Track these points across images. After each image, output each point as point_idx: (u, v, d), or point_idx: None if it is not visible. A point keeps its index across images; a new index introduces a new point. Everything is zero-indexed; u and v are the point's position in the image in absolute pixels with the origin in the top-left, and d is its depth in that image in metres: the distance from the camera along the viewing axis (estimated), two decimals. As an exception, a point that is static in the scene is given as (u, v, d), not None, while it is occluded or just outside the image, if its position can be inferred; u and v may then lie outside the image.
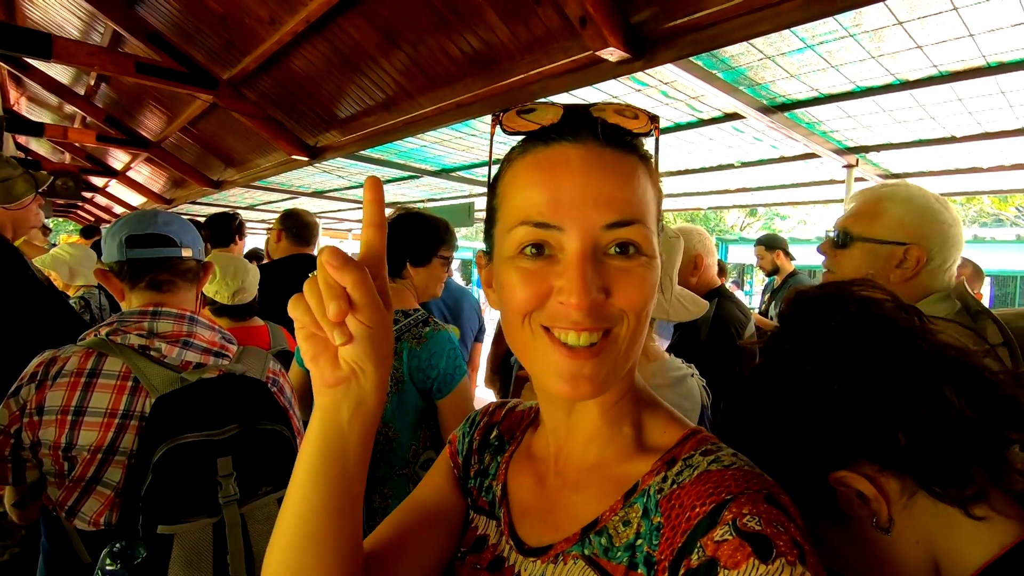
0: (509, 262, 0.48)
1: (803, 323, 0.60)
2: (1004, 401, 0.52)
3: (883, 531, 0.54)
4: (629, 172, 0.47)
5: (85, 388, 0.98)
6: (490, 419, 0.69)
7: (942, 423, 0.51)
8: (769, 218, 17.68)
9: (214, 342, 1.13)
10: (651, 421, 0.53)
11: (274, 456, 1.04)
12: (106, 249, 1.12)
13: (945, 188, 4.31)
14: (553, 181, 0.46)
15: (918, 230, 1.10)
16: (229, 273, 1.78)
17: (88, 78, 4.49)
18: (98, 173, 7.10)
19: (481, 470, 0.64)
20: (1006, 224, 13.68)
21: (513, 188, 0.49)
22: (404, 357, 1.53)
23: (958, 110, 2.55)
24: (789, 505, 0.41)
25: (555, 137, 0.48)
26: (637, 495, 0.48)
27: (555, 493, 0.54)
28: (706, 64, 2.23)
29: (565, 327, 0.45)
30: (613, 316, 0.46)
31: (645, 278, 0.46)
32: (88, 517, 0.99)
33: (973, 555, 0.51)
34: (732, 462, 0.45)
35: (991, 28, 1.83)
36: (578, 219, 0.44)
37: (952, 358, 0.53)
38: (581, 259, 0.44)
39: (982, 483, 0.51)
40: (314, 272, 0.42)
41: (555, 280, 0.45)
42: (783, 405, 0.59)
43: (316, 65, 2.94)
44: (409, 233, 1.67)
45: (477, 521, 0.61)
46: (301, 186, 5.99)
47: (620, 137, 0.48)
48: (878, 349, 0.54)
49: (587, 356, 0.45)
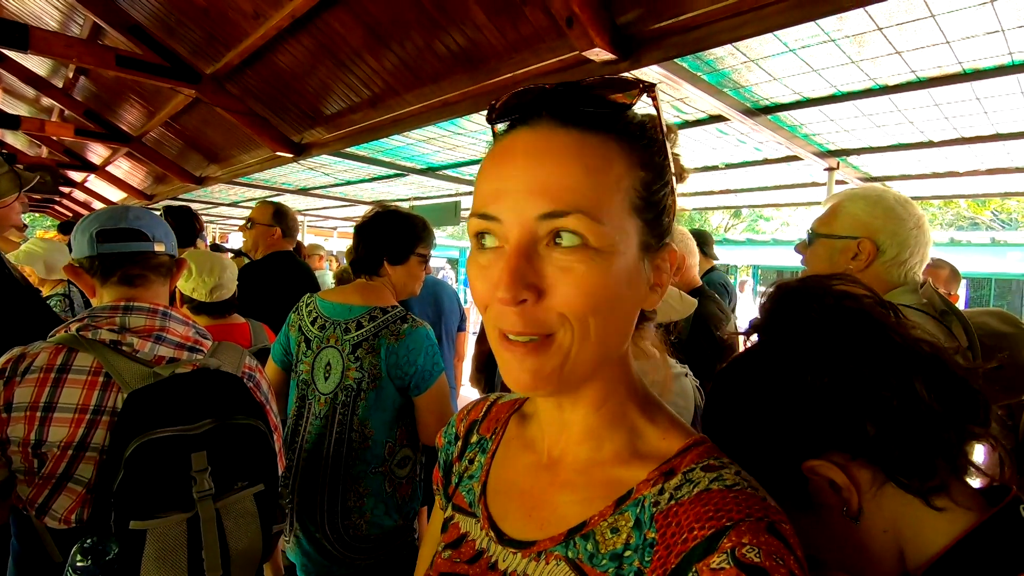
0: (472, 254, 0.48)
1: (782, 315, 0.61)
2: (971, 396, 0.54)
3: (853, 519, 0.55)
4: (582, 154, 0.43)
5: (55, 384, 0.95)
6: (468, 420, 0.68)
7: (911, 415, 0.52)
8: (753, 219, 17.91)
9: (188, 337, 1.11)
10: (650, 424, 0.51)
11: (250, 451, 1.03)
12: (76, 245, 1.10)
13: (923, 192, 4.40)
14: (499, 170, 0.45)
15: (870, 224, 1.19)
16: (205, 270, 1.75)
17: (67, 70, 4.40)
18: (76, 168, 6.95)
19: (466, 473, 0.63)
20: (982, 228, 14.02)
21: (478, 179, 0.48)
22: (382, 354, 1.53)
23: (935, 115, 2.60)
24: (790, 535, 0.40)
25: (517, 124, 0.47)
26: (630, 503, 0.46)
27: (544, 488, 0.53)
28: (691, 66, 2.25)
29: (507, 328, 0.44)
30: (550, 322, 0.43)
31: (589, 277, 0.42)
32: (59, 515, 0.97)
33: (935, 542, 0.52)
34: (735, 482, 0.43)
35: (966, 36, 1.87)
36: (513, 210, 0.43)
37: (924, 353, 0.55)
38: (515, 251, 0.43)
39: (944, 475, 0.52)
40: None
41: (496, 276, 0.44)
42: (759, 395, 0.59)
43: (301, 60, 2.91)
44: (387, 231, 1.67)
45: (459, 519, 0.60)
46: (285, 183, 5.92)
47: (583, 114, 0.44)
48: (852, 342, 0.55)
49: (525, 351, 0.44)
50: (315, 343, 1.59)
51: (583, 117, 0.44)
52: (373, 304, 1.60)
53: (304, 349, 1.61)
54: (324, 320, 1.61)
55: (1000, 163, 3.32)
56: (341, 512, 1.50)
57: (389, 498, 1.55)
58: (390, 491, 1.56)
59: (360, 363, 1.53)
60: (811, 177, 4.02)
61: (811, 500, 0.57)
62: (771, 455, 0.58)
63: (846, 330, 0.56)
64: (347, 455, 1.52)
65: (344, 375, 1.54)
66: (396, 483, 1.57)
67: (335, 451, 1.52)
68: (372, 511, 1.52)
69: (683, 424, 0.52)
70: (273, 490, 1.06)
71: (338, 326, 1.58)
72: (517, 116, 0.47)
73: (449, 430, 0.69)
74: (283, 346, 1.69)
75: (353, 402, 1.54)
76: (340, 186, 5.84)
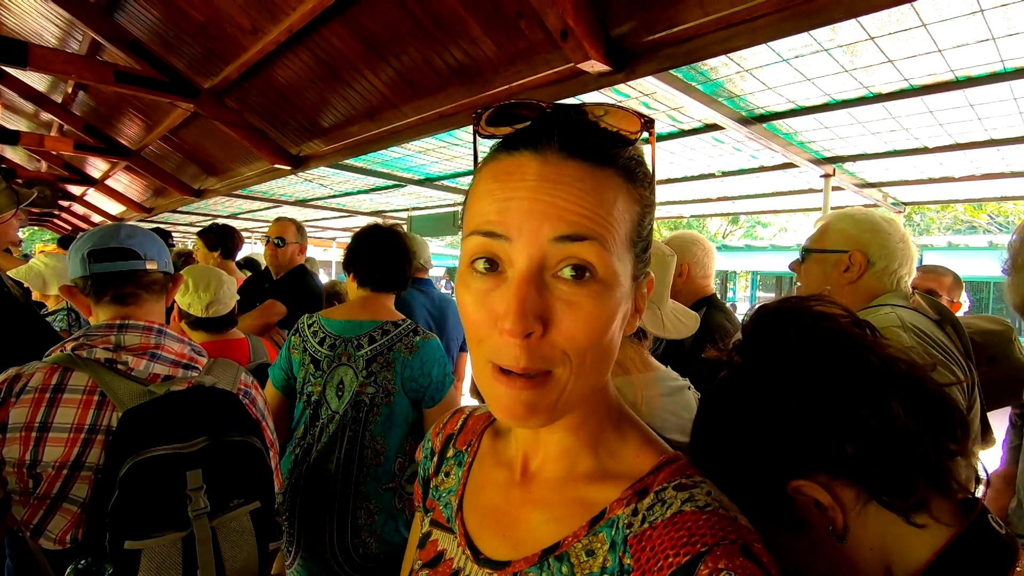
0: (462, 278, 0.46)
1: (761, 337, 0.61)
2: (947, 411, 0.55)
3: (839, 538, 0.55)
4: (592, 187, 0.42)
5: (50, 404, 0.95)
6: (444, 433, 0.67)
7: (888, 433, 0.53)
8: (751, 226, 17.96)
9: (183, 354, 1.11)
10: (624, 443, 0.51)
11: (246, 468, 1.02)
12: (70, 265, 1.10)
13: (919, 197, 4.41)
14: (507, 191, 0.43)
15: (859, 238, 1.28)
16: (201, 285, 1.75)
17: (66, 85, 4.42)
18: (76, 182, 6.98)
19: (443, 486, 0.62)
20: (979, 231, 14.05)
21: (474, 195, 0.46)
22: (397, 367, 1.52)
23: (929, 122, 2.62)
24: (763, 554, 0.40)
25: (520, 146, 0.44)
26: (603, 523, 0.46)
27: (518, 506, 0.52)
28: (685, 76, 2.26)
29: (508, 363, 0.42)
30: (553, 358, 0.42)
31: (595, 312, 0.42)
32: (54, 535, 0.96)
33: (918, 557, 0.53)
34: (707, 503, 0.43)
35: (958, 44, 1.89)
36: (526, 230, 0.41)
37: (900, 371, 0.56)
38: (524, 278, 0.41)
39: (924, 492, 0.53)
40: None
41: (499, 305, 0.42)
42: (742, 417, 0.60)
43: (299, 74, 2.93)
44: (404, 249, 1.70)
45: (436, 535, 0.59)
46: (284, 195, 5.94)
47: (592, 147, 0.44)
48: (830, 362, 0.56)
49: (523, 385, 0.42)
50: (325, 363, 1.56)
51: (592, 150, 0.44)
52: (383, 318, 1.60)
53: (313, 371, 1.58)
54: (334, 339, 1.58)
55: (995, 168, 3.34)
56: (351, 531, 1.48)
57: (399, 514, 1.53)
58: (400, 507, 1.54)
59: (374, 378, 1.52)
60: (807, 184, 4.03)
61: (798, 520, 0.57)
62: (757, 476, 0.58)
63: (824, 351, 0.57)
64: (358, 472, 1.50)
65: (356, 391, 1.52)
66: (405, 499, 1.56)
67: (345, 468, 1.50)
68: (383, 528, 1.50)
69: (658, 441, 0.52)
70: (269, 507, 1.06)
71: (349, 343, 1.56)
72: (525, 138, 0.45)
73: (426, 444, 0.69)
74: (284, 370, 1.65)
75: (365, 418, 1.52)
76: (338, 197, 5.86)
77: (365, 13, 2.31)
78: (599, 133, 0.44)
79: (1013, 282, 1.01)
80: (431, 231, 5.52)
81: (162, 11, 2.81)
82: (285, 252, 2.85)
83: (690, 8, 1.66)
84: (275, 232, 2.87)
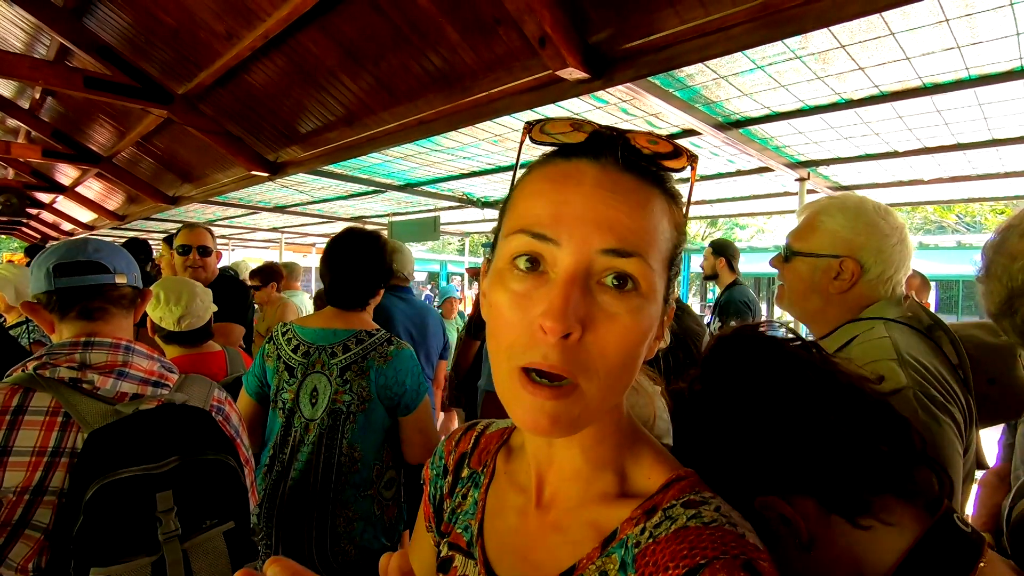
0: (500, 276, 0.45)
1: (718, 364, 0.65)
2: (893, 421, 0.58)
3: (805, 549, 0.57)
4: (643, 202, 0.44)
5: (10, 426, 0.91)
6: (458, 452, 0.66)
7: (835, 448, 0.56)
8: (729, 227, 18.22)
9: (152, 371, 1.07)
10: (637, 462, 0.51)
11: (219, 487, 0.99)
12: (33, 280, 1.06)
13: (890, 199, 4.52)
14: (561, 194, 0.43)
15: (852, 242, 1.09)
16: (172, 298, 1.69)
17: (33, 91, 4.29)
18: (44, 189, 6.77)
19: (460, 509, 0.61)
20: (948, 231, 14.46)
21: (522, 195, 0.47)
22: (371, 376, 1.52)
23: (899, 127, 2.69)
24: (767, 571, 0.39)
25: (579, 153, 0.46)
26: (615, 544, 0.46)
27: (536, 530, 0.52)
28: (663, 83, 2.29)
29: (537, 360, 0.41)
30: (582, 366, 0.41)
31: (632, 325, 0.42)
32: (16, 563, 0.92)
33: (885, 560, 0.56)
34: (713, 519, 0.42)
35: (925, 52, 1.94)
36: (576, 236, 0.41)
37: (840, 384, 0.59)
38: (569, 279, 0.41)
39: (881, 500, 0.56)
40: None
41: (540, 306, 0.41)
42: (704, 441, 0.62)
43: (276, 80, 2.89)
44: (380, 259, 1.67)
45: (457, 560, 0.58)
46: (261, 201, 5.85)
47: (645, 165, 0.45)
48: (780, 385, 0.60)
49: (547, 395, 0.41)
50: (299, 370, 1.56)
51: (646, 168, 0.46)
52: (357, 328, 1.60)
53: (287, 377, 1.57)
54: (308, 347, 1.58)
55: (962, 171, 3.44)
56: (331, 539, 1.47)
57: (378, 521, 1.54)
58: (378, 513, 1.54)
59: (349, 386, 1.51)
60: (783, 187, 4.11)
61: (770, 535, 0.58)
62: (728, 494, 0.59)
63: (771, 374, 0.60)
64: (336, 480, 1.49)
65: (332, 399, 1.52)
66: (384, 505, 1.56)
67: (323, 477, 1.49)
68: (361, 535, 1.50)
69: (669, 457, 0.51)
70: (244, 527, 1.03)
71: (323, 351, 1.56)
72: (584, 147, 0.46)
73: (437, 462, 0.67)
74: (258, 378, 1.64)
75: (342, 426, 1.51)
76: (317, 203, 5.79)
77: (342, 19, 2.29)
78: (653, 155, 0.46)
79: (987, 290, 0.92)
80: (412, 236, 5.48)
81: (133, 16, 2.74)
82: (213, 262, 2.55)
83: (667, 16, 1.68)
84: (195, 240, 2.46)
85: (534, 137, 0.49)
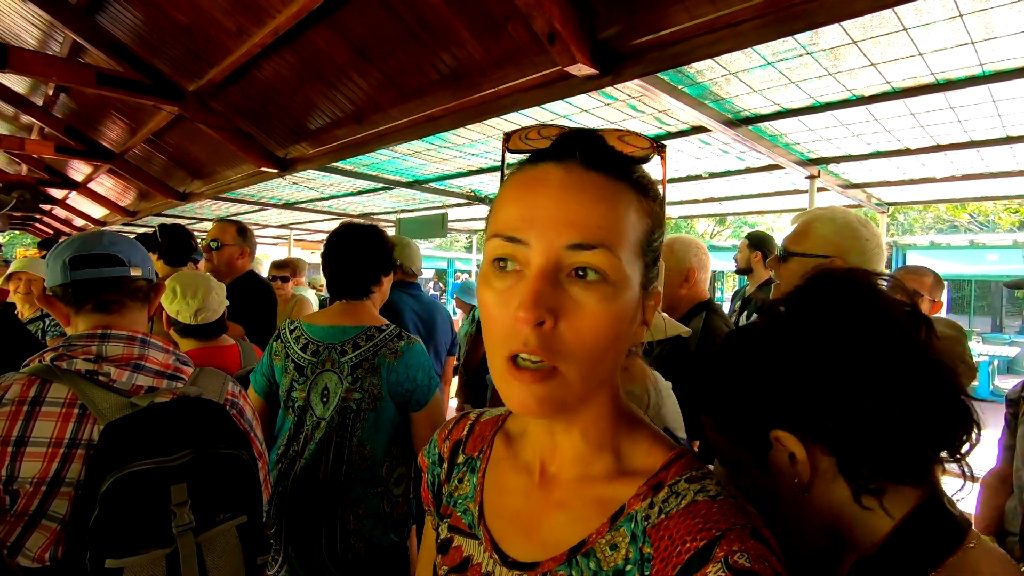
0: (485, 277, 0.50)
1: (812, 294, 0.62)
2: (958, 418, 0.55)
3: (802, 490, 0.59)
4: (607, 197, 0.47)
5: (27, 417, 0.92)
6: (452, 440, 0.68)
7: (879, 425, 0.54)
8: (738, 226, 18.11)
9: (168, 364, 1.08)
10: (635, 442, 0.54)
11: (233, 481, 1.00)
12: (49, 273, 1.07)
13: (902, 197, 4.48)
14: (529, 198, 0.48)
15: (840, 245, 1.27)
16: (189, 292, 1.72)
17: (47, 88, 4.34)
18: (57, 185, 6.84)
19: (457, 493, 0.64)
20: (960, 230, 14.29)
21: (499, 202, 0.51)
22: (383, 372, 1.52)
23: (911, 124, 2.66)
24: (770, 537, 0.45)
25: (544, 158, 0.50)
26: (623, 519, 0.49)
27: (540, 508, 0.55)
28: (672, 79, 2.28)
29: (518, 347, 0.46)
30: (560, 352, 0.45)
31: (602, 311, 0.46)
32: (32, 554, 0.94)
33: (880, 528, 0.57)
34: (718, 492, 0.48)
35: (938, 48, 1.92)
36: (543, 237, 0.45)
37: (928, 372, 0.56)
38: (539, 274, 0.45)
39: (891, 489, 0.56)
40: None
41: (517, 300, 0.45)
42: (760, 357, 0.62)
43: (285, 77, 2.90)
44: (369, 252, 1.67)
45: (459, 542, 0.60)
46: (271, 197, 5.88)
47: (609, 161, 0.49)
48: (863, 341, 0.56)
49: (532, 379, 0.46)
50: (309, 369, 1.56)
51: (609, 164, 0.49)
52: (367, 324, 1.59)
53: (296, 376, 1.57)
54: (316, 345, 1.57)
55: (975, 169, 3.40)
56: (340, 536, 1.47)
57: (387, 518, 1.54)
58: (388, 510, 1.54)
59: (360, 383, 1.51)
60: (793, 185, 4.07)
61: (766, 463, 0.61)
62: (748, 413, 0.61)
63: (862, 329, 0.57)
64: (346, 478, 1.49)
65: (343, 397, 1.51)
66: (393, 502, 1.56)
67: (333, 474, 1.49)
68: (371, 532, 1.50)
69: (664, 438, 0.56)
70: (257, 521, 1.04)
71: (333, 349, 1.55)
72: (549, 152, 0.50)
73: (432, 450, 0.70)
74: (267, 376, 1.64)
75: (352, 423, 1.51)
76: (326, 200, 5.81)
77: (352, 16, 2.30)
78: (615, 151, 0.49)
79: None
80: (420, 233, 5.49)
81: (145, 13, 2.76)
82: (222, 255, 2.58)
83: (676, 12, 1.67)
84: (212, 234, 2.60)
85: (509, 148, 0.53)
